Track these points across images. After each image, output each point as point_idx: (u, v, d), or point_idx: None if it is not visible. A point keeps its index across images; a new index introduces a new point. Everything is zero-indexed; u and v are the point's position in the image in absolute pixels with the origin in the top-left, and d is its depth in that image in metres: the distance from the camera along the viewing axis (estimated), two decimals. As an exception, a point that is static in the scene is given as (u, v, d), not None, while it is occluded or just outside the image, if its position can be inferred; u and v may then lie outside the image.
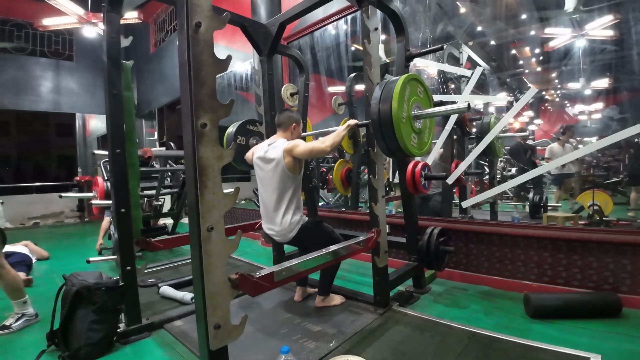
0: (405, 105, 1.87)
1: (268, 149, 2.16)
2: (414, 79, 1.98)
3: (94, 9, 6.52)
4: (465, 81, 3.48)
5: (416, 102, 1.98)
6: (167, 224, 4.72)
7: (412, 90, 1.95)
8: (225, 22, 1.22)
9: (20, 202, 7.67)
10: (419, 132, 2.01)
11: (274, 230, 2.17)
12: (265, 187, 2.18)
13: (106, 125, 2.07)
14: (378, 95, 1.88)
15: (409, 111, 1.91)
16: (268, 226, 2.22)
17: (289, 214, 2.11)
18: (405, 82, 1.87)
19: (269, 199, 2.16)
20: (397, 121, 1.80)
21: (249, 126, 2.97)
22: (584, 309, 2.08)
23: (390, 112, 1.80)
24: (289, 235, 2.14)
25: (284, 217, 2.11)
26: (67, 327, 1.82)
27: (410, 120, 1.91)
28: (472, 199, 3.26)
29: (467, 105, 1.86)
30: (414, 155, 2.03)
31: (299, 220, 2.15)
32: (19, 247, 3.81)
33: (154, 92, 9.71)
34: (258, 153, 2.21)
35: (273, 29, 2.85)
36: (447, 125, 3.27)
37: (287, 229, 2.12)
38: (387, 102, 1.82)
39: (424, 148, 2.08)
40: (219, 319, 1.20)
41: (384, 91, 1.87)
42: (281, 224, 2.12)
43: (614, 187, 4.51)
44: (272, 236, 2.21)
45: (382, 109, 1.84)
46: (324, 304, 2.33)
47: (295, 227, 2.13)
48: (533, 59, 6.00)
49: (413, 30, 3.93)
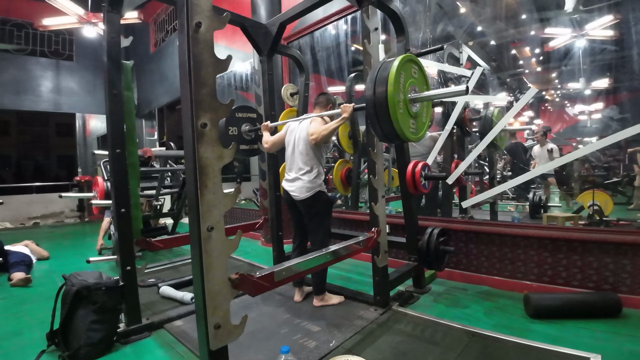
0: (401, 88, 1.75)
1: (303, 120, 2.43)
2: (410, 60, 1.85)
3: (94, 9, 6.47)
4: (465, 81, 3.48)
5: (412, 84, 1.86)
6: (167, 224, 4.72)
7: (408, 72, 1.83)
8: (225, 22, 1.22)
9: (20, 202, 7.66)
10: (416, 116, 1.90)
11: (295, 187, 2.32)
12: (298, 145, 2.35)
13: (106, 125, 2.08)
14: (373, 78, 1.76)
15: (405, 94, 1.80)
16: (289, 184, 2.37)
17: (314, 172, 2.30)
18: (401, 64, 1.75)
19: (300, 157, 2.34)
20: (392, 105, 1.68)
21: (238, 114, 2.88)
22: (584, 309, 2.08)
23: (385, 95, 1.69)
24: (306, 194, 2.28)
25: (310, 172, 2.29)
26: (67, 327, 1.82)
27: (406, 104, 1.80)
28: (472, 199, 3.26)
29: (465, 87, 1.77)
30: (410, 141, 1.94)
31: (320, 184, 2.32)
32: (19, 246, 3.82)
33: (154, 92, 9.71)
34: (293, 125, 2.46)
35: (273, 29, 2.85)
36: (447, 125, 3.27)
37: (308, 185, 2.28)
38: (383, 85, 1.70)
39: (421, 132, 1.97)
40: (219, 319, 1.20)
41: (380, 73, 1.75)
42: (306, 177, 2.29)
43: (614, 187, 4.50)
44: (291, 192, 2.34)
45: (377, 92, 1.72)
46: (322, 303, 2.37)
47: (315, 187, 2.28)
48: (533, 59, 5.99)
49: (413, 30, 3.93)
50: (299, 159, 2.32)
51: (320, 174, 2.32)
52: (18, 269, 3.29)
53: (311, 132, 2.23)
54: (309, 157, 2.29)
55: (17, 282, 3.08)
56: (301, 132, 2.33)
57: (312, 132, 2.22)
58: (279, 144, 2.50)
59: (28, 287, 3.09)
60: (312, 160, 2.29)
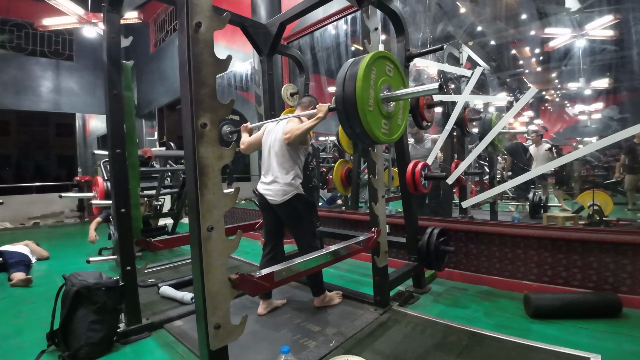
0: (371, 85, 1.66)
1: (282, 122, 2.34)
2: (383, 56, 1.75)
3: (94, 9, 6.46)
4: (465, 81, 3.48)
5: (386, 82, 1.76)
6: (167, 224, 4.72)
7: (381, 69, 1.73)
8: (225, 22, 1.22)
9: (20, 202, 7.66)
10: (390, 117, 1.80)
11: (271, 190, 2.21)
12: (274, 146, 2.26)
13: (106, 125, 2.07)
14: (343, 74, 1.65)
15: (377, 92, 1.69)
16: (265, 186, 2.27)
17: (291, 175, 2.20)
18: (372, 59, 1.65)
19: (275, 158, 2.24)
20: (361, 103, 1.58)
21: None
22: (584, 309, 2.08)
23: (353, 92, 1.59)
24: (283, 197, 2.17)
25: (287, 175, 2.19)
26: (67, 327, 1.82)
27: (378, 102, 1.69)
28: (472, 199, 3.26)
29: (437, 85, 1.67)
30: (381, 142, 1.85)
31: (298, 186, 2.21)
32: (19, 247, 3.82)
33: (154, 92, 9.71)
34: (270, 125, 2.38)
35: (273, 29, 2.85)
36: (447, 125, 3.27)
37: (285, 188, 2.17)
38: (352, 81, 1.61)
39: (396, 134, 1.87)
40: (219, 319, 1.20)
41: (350, 69, 1.65)
42: (282, 179, 2.18)
43: (614, 187, 4.51)
44: (267, 196, 2.24)
45: (346, 89, 1.62)
46: (323, 303, 2.35)
47: (292, 190, 2.18)
48: (533, 59, 5.99)
49: (413, 30, 3.93)
50: (275, 160, 2.22)
51: (297, 176, 2.22)
52: (17, 269, 3.30)
53: (285, 132, 2.15)
54: (285, 158, 2.19)
55: (17, 282, 3.08)
56: (277, 133, 2.25)
57: (287, 132, 2.14)
58: (255, 145, 2.41)
59: (28, 287, 3.09)
60: (288, 162, 2.19)
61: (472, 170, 4.22)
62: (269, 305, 2.33)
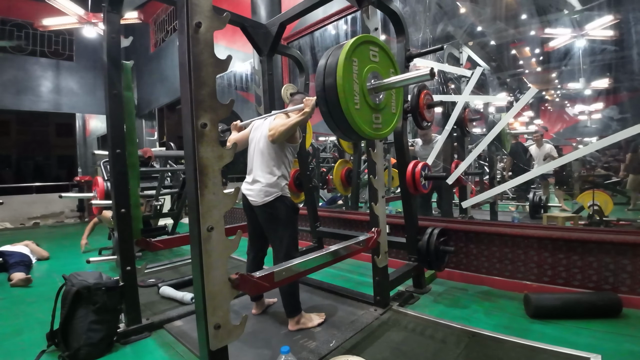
0: (355, 78, 1.48)
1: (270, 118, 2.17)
2: (364, 42, 1.56)
3: (94, 9, 6.52)
4: (465, 81, 3.48)
5: (373, 70, 1.58)
6: (167, 224, 4.72)
7: (364, 56, 1.54)
8: (225, 22, 1.22)
9: (20, 202, 7.67)
10: (381, 108, 1.62)
11: (253, 191, 2.02)
12: (259, 143, 2.09)
13: (106, 125, 2.08)
14: (322, 68, 1.47)
15: (363, 84, 1.52)
16: (247, 186, 2.08)
17: (275, 175, 2.00)
18: (352, 48, 1.46)
19: (260, 157, 2.06)
20: (344, 99, 1.42)
21: None
22: (584, 309, 2.08)
23: (334, 88, 1.41)
24: (264, 198, 1.97)
25: (270, 174, 2.00)
26: (67, 327, 1.82)
27: (364, 95, 1.53)
28: (472, 199, 3.26)
29: (429, 71, 1.53)
30: (373, 138, 1.67)
31: (283, 188, 2.02)
32: (19, 247, 3.82)
33: (154, 92, 9.71)
34: (258, 122, 2.22)
35: (273, 29, 2.85)
36: (447, 125, 3.27)
37: (267, 189, 1.97)
38: (331, 76, 1.42)
39: (391, 125, 1.69)
40: (219, 319, 1.20)
41: (329, 61, 1.46)
42: (264, 179, 1.99)
43: (614, 187, 4.51)
44: (248, 197, 2.04)
45: (326, 85, 1.45)
46: (298, 326, 2.02)
47: (275, 192, 1.98)
48: (533, 59, 5.99)
49: (413, 30, 3.93)
50: (259, 158, 2.04)
51: (282, 177, 2.02)
52: (17, 269, 3.30)
53: (270, 128, 1.98)
54: (270, 157, 2.00)
55: (17, 282, 3.08)
56: (263, 129, 2.07)
57: (271, 128, 1.97)
58: (242, 143, 2.19)
59: (28, 287, 3.10)
60: (272, 160, 2.00)
61: (472, 170, 4.22)
62: (262, 305, 2.32)
